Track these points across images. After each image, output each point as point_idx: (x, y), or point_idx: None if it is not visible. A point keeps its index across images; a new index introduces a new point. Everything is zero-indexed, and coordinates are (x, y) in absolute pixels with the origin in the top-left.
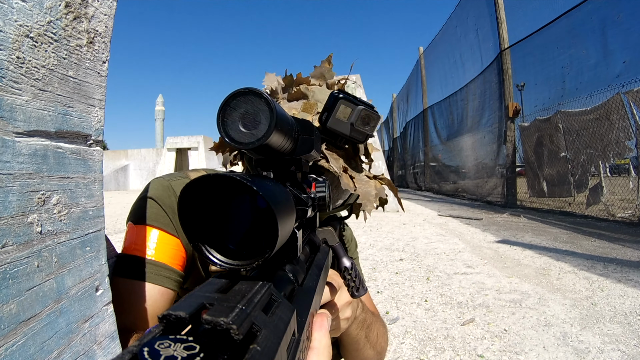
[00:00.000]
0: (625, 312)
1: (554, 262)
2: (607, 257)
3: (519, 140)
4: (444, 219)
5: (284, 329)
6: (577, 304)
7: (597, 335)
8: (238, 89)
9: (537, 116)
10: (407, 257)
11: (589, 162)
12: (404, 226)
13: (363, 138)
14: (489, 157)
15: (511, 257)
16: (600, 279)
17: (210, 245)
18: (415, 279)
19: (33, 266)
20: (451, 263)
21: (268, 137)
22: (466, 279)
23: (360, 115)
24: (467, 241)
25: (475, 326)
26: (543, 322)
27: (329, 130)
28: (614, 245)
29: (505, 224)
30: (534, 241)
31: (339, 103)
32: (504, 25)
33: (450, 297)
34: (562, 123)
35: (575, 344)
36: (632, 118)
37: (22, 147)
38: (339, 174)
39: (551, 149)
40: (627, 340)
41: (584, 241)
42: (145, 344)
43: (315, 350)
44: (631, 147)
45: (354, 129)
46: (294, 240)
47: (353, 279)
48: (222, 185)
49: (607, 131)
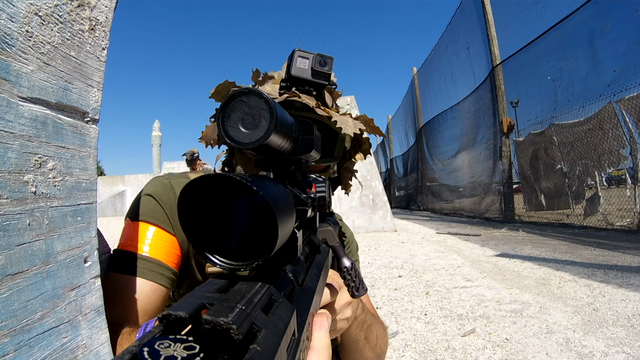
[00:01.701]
0: (628, 315)
1: (554, 272)
2: (607, 264)
3: (515, 155)
4: (442, 236)
5: (284, 329)
6: (579, 310)
7: (601, 339)
8: (238, 89)
9: (531, 130)
10: (406, 274)
11: (584, 173)
12: (402, 245)
13: (325, 78)
14: (485, 173)
15: (511, 269)
16: (602, 286)
17: (210, 245)
18: (415, 294)
19: (24, 223)
20: (450, 277)
21: (268, 137)
22: (466, 292)
23: (317, 59)
24: (465, 256)
25: (476, 337)
26: (545, 330)
27: (295, 78)
28: (614, 253)
29: (503, 238)
30: (533, 253)
31: (296, 54)
32: (495, 42)
33: (450, 310)
34: (556, 135)
35: (579, 349)
36: (625, 126)
37: (24, 110)
38: (312, 105)
39: (547, 162)
40: (632, 343)
41: (584, 251)
42: (145, 344)
43: (315, 350)
44: (626, 155)
45: (314, 72)
46: (294, 240)
47: (353, 279)
48: (222, 185)
49: (601, 141)
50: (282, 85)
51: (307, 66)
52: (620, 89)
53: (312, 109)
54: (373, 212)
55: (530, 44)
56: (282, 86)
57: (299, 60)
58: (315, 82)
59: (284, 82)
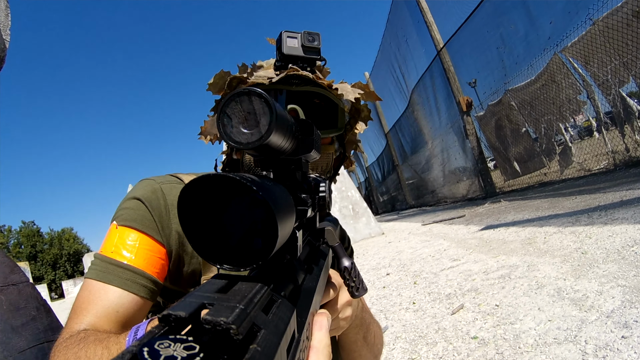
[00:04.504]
0: (617, 248)
1: (539, 229)
2: (589, 207)
3: (480, 130)
4: (428, 226)
5: (284, 329)
6: (567, 258)
7: (593, 279)
8: (238, 89)
9: (488, 102)
10: (394, 271)
11: (550, 128)
12: (390, 244)
13: (316, 53)
14: (458, 156)
15: (496, 238)
16: (587, 229)
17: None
18: (402, 287)
19: None
20: (437, 262)
21: (268, 137)
22: (453, 272)
23: (305, 37)
24: (451, 239)
25: (465, 311)
26: (535, 286)
27: (288, 56)
28: (595, 195)
29: (486, 212)
30: (516, 218)
31: (284, 35)
32: (434, 27)
33: (439, 293)
34: (513, 100)
35: (572, 295)
36: (576, 72)
37: None
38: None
39: (512, 129)
40: (625, 274)
41: (566, 202)
42: (145, 344)
43: (315, 350)
44: (584, 100)
45: (305, 48)
46: (294, 240)
47: (353, 279)
48: (222, 185)
49: (557, 93)
50: (277, 66)
51: (297, 44)
52: (561, 38)
53: (312, 80)
54: (356, 220)
55: (467, 20)
56: (277, 66)
57: (288, 40)
58: (308, 57)
59: (278, 63)
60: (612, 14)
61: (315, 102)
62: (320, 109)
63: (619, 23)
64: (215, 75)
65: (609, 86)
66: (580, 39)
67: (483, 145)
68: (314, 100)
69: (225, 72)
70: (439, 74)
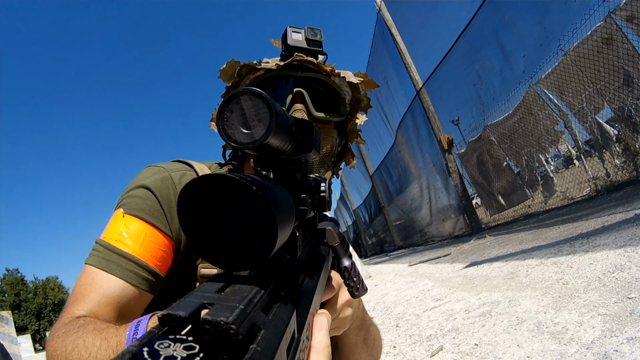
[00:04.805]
0: (599, 276)
1: (521, 262)
2: (572, 236)
3: (462, 166)
4: (414, 267)
5: (283, 329)
6: (549, 290)
7: (574, 310)
8: (238, 89)
9: (468, 139)
10: (377, 314)
11: (531, 160)
12: (375, 287)
13: (319, 45)
14: (441, 195)
15: (479, 275)
16: (568, 258)
17: (210, 245)
18: (385, 330)
19: None
20: (420, 304)
21: (268, 137)
22: (435, 312)
23: (308, 31)
24: (435, 278)
25: (445, 352)
26: (515, 322)
27: (293, 47)
28: (578, 223)
29: (472, 249)
30: (500, 252)
31: (289, 30)
32: (413, 67)
33: (419, 335)
34: (493, 135)
35: (551, 328)
36: (552, 103)
37: None
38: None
39: (493, 163)
40: (606, 302)
41: (549, 232)
42: (145, 344)
43: (315, 350)
44: (562, 130)
45: (309, 41)
46: (294, 240)
47: (353, 279)
48: (222, 185)
49: (534, 125)
50: (284, 55)
51: (302, 37)
52: (534, 71)
53: (316, 66)
54: None
55: (444, 59)
56: (283, 56)
57: (293, 34)
58: (312, 49)
59: (284, 53)
60: (582, 43)
61: (319, 89)
62: (324, 94)
63: (590, 51)
64: (226, 63)
65: (584, 114)
66: (553, 70)
67: (466, 182)
68: (317, 87)
69: (235, 61)
70: (419, 113)
